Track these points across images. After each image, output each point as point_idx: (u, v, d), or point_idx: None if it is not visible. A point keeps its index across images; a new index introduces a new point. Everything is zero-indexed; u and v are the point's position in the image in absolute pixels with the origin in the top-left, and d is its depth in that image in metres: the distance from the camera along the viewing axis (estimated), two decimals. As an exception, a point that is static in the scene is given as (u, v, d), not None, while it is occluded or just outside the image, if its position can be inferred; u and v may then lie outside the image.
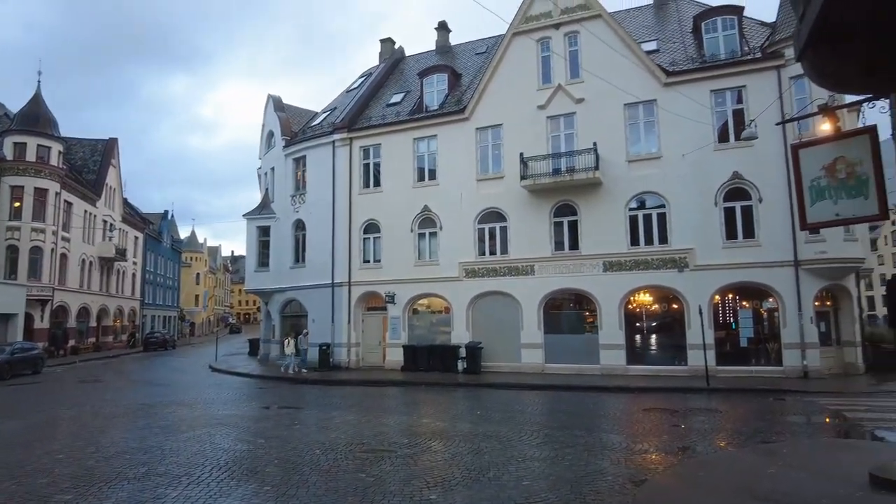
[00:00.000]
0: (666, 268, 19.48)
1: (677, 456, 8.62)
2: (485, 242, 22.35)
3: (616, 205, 20.21)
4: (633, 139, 20.69)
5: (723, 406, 13.61)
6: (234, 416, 13.10)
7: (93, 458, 8.62)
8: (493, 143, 22.70)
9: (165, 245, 61.33)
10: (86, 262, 39.37)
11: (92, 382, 20.94)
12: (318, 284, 25.11)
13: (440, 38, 31.71)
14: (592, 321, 20.49)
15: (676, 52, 21.49)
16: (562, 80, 21.62)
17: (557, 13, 22.01)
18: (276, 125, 28.56)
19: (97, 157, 43.38)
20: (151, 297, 55.44)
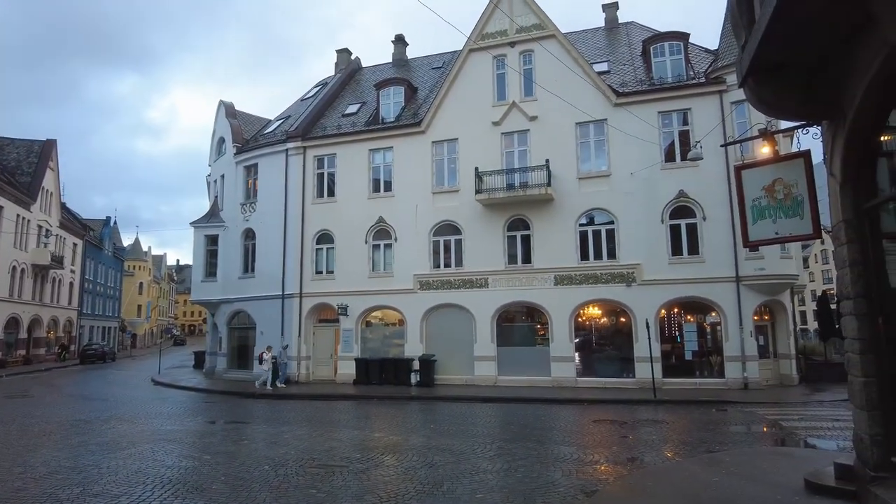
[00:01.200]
0: (614, 282, 20.02)
1: (626, 467, 8.81)
2: (440, 255, 22.42)
3: (567, 220, 20.68)
4: (584, 157, 21.26)
5: (669, 417, 14.03)
6: (179, 431, 12.60)
7: (20, 479, 8.11)
8: (448, 156, 22.88)
9: (107, 253, 58.71)
10: (17, 269, 37.22)
11: (20, 398, 19.74)
12: (267, 296, 24.53)
13: (397, 51, 31.83)
14: (544, 334, 20.80)
15: (626, 73, 22.29)
16: (516, 98, 22.06)
17: (513, 32, 22.49)
18: (228, 132, 27.92)
19: (33, 159, 41.23)
20: (90, 307, 52.87)
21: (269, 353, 21.46)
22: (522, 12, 22.35)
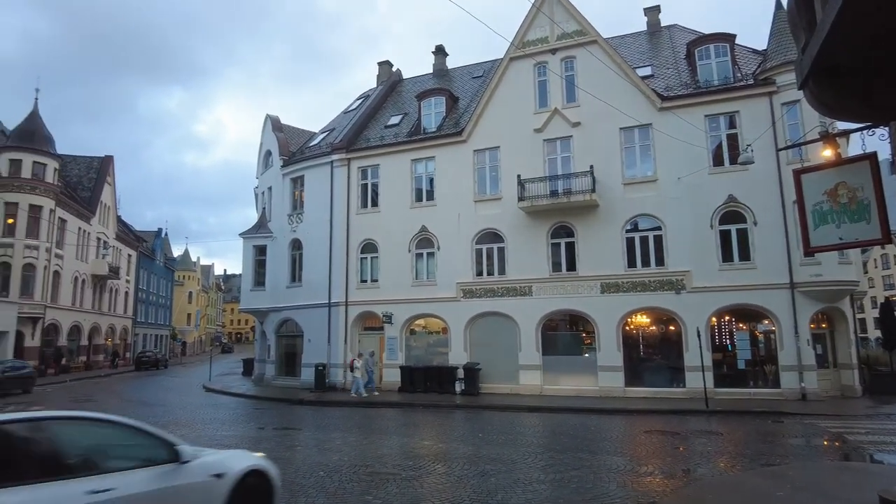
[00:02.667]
0: (663, 290, 19.62)
1: (682, 479, 8.63)
2: (482, 263, 22.44)
3: (613, 227, 20.41)
4: (629, 162, 20.98)
5: (723, 428, 13.64)
6: (234, 436, 12.97)
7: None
8: (490, 164, 22.94)
9: (158, 263, 61.05)
10: (78, 279, 39.10)
11: (84, 402, 20.65)
12: (314, 304, 25.04)
13: (437, 62, 32.20)
14: (590, 343, 20.53)
15: (670, 77, 21.94)
16: (558, 104, 21.97)
17: (554, 38, 22.45)
18: (275, 145, 28.73)
19: (92, 175, 43.36)
20: (144, 316, 55.02)
21: (359, 359, 21.44)
22: (564, 19, 22.30)
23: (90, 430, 4.96)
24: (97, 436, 4.95)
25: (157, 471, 4.81)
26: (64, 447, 4.51)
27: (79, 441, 4.69)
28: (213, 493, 5.07)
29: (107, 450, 4.85)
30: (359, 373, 21.00)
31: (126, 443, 5.01)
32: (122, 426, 5.12)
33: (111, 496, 4.29)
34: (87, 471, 4.44)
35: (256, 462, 5.81)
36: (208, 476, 5.15)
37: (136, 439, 5.07)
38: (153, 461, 4.87)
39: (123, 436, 5.08)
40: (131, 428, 5.14)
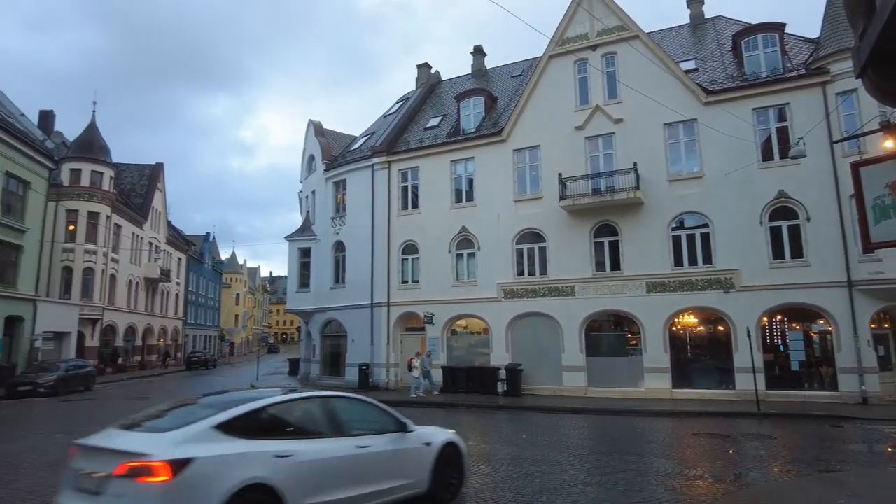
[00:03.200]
0: (711, 289, 19.08)
1: (733, 483, 8.37)
2: (523, 263, 22.31)
3: (658, 225, 19.98)
4: (673, 158, 20.49)
5: (776, 432, 13.17)
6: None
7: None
8: (530, 163, 22.79)
9: (207, 266, 63.06)
10: (133, 282, 40.77)
11: (139, 400, 21.48)
12: (357, 305, 25.40)
13: (476, 62, 32.19)
14: (636, 343, 20.14)
15: (716, 70, 21.33)
16: (600, 101, 21.65)
17: (594, 35, 22.13)
18: (317, 149, 29.30)
19: (144, 182, 45.19)
20: (193, 317, 56.92)
21: (417, 359, 21.35)
22: (603, 14, 21.95)
23: (353, 405, 6.91)
24: (357, 410, 6.86)
25: (392, 437, 6.68)
26: (339, 416, 6.38)
27: (347, 412, 6.58)
28: (424, 456, 6.92)
29: (363, 420, 6.71)
30: (417, 372, 20.93)
31: (373, 416, 6.91)
32: (371, 405, 7.12)
33: (368, 451, 6.19)
34: (353, 432, 6.30)
35: (452, 437, 7.59)
36: (421, 444, 6.99)
37: (379, 414, 6.99)
38: (389, 430, 6.75)
39: (372, 411, 7.01)
40: (377, 407, 7.11)
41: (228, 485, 4.76)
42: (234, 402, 5.74)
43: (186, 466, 4.63)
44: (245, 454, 5.08)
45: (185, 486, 4.59)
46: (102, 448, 4.99)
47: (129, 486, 4.53)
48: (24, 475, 8.90)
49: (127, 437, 5.10)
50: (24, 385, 21.99)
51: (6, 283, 26.07)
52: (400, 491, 6.43)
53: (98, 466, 4.79)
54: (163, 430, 5.14)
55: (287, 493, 5.10)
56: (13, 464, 9.76)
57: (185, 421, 5.24)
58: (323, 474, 5.60)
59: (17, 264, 26.84)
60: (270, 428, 5.60)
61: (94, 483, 4.74)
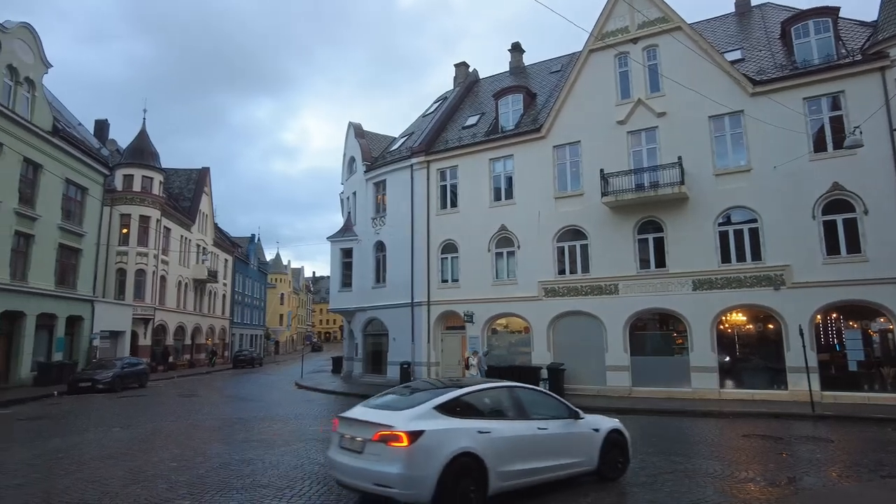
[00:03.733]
0: (760, 286, 18.45)
1: (787, 487, 8.07)
2: (564, 261, 22.06)
3: (704, 220, 19.43)
4: (719, 152, 19.88)
5: (833, 435, 12.61)
6: (326, 431, 13.47)
7: (202, 468, 9.16)
8: (571, 160, 22.51)
9: (252, 267, 64.70)
10: (182, 283, 42.19)
11: (190, 397, 22.24)
12: (398, 304, 25.63)
13: (514, 59, 32.04)
14: (682, 342, 19.65)
15: (763, 59, 20.59)
16: (641, 95, 21.21)
17: (635, 28, 21.69)
18: (357, 151, 29.69)
19: (192, 186, 46.66)
20: (240, 317, 58.49)
21: (475, 357, 20.60)
22: (644, 7, 21.47)
23: (533, 395, 8.16)
24: (536, 399, 8.10)
25: (565, 422, 7.88)
26: (523, 402, 7.68)
27: (529, 400, 7.85)
28: (593, 439, 8.04)
29: (541, 407, 7.93)
30: (474, 370, 20.50)
31: (550, 404, 8.16)
32: (548, 395, 8.57)
33: (546, 432, 7.46)
34: (534, 416, 7.57)
35: (617, 424, 8.60)
36: (590, 429, 8.10)
37: (555, 403, 8.25)
38: (562, 416, 7.96)
39: (548, 400, 8.32)
40: (553, 397, 8.50)
41: (448, 451, 6.33)
42: (445, 388, 7.44)
43: (420, 436, 6.29)
44: (458, 429, 6.62)
45: (419, 450, 6.23)
46: (359, 420, 6.82)
47: (382, 448, 6.31)
48: (86, 466, 9.33)
49: (376, 414, 6.84)
50: (84, 381, 23.05)
51: (67, 285, 27.39)
52: (573, 467, 7.74)
53: (358, 433, 6.68)
54: (400, 409, 6.81)
55: (487, 460, 6.57)
56: (76, 455, 10.25)
57: (414, 403, 6.93)
58: (513, 447, 6.95)
59: (77, 267, 28.17)
60: (473, 410, 7.11)
61: (358, 445, 6.62)
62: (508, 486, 6.87)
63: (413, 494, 6.19)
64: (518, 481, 6.99)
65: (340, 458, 6.83)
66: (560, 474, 7.56)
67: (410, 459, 6.18)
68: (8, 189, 23.01)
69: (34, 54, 24.89)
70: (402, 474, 6.14)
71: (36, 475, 8.75)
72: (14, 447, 11.32)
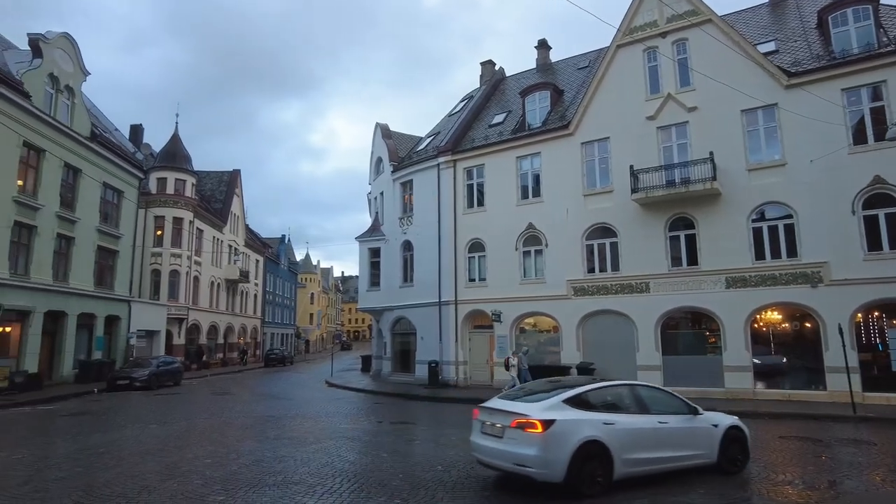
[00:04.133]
0: (796, 283, 17.96)
1: (827, 491, 7.83)
2: (594, 259, 21.82)
3: (737, 216, 19.00)
4: (752, 146, 19.41)
5: (876, 437, 12.19)
6: (355, 429, 13.64)
7: (235, 464, 9.32)
8: (599, 156, 22.25)
9: (283, 267, 65.64)
10: (214, 283, 43.04)
11: (222, 395, 22.68)
12: (425, 303, 25.70)
13: (540, 56, 31.80)
14: (715, 341, 19.26)
15: (799, 50, 20.03)
16: (671, 89, 20.84)
17: (664, 22, 21.33)
18: (384, 152, 29.86)
19: (223, 188, 47.56)
20: (271, 316, 59.41)
21: (514, 357, 20.49)
22: (673, 0, 21.08)
23: (653, 392, 8.88)
24: (656, 395, 8.77)
25: (684, 417, 8.45)
26: (643, 398, 8.38)
27: (649, 396, 8.54)
28: (713, 434, 8.53)
29: (660, 403, 8.56)
30: (514, 371, 20.22)
31: (668, 401, 8.74)
32: (667, 392, 9.13)
33: (666, 426, 8.11)
34: (653, 411, 8.22)
35: (736, 421, 8.97)
36: (710, 425, 8.60)
37: (673, 399, 8.81)
38: (681, 412, 8.52)
39: (667, 397, 8.89)
40: (671, 394, 9.06)
41: (576, 437, 7.21)
42: (572, 385, 8.28)
43: (552, 424, 7.21)
44: (584, 420, 7.49)
45: (552, 436, 7.15)
46: (498, 409, 7.87)
47: (519, 434, 7.29)
48: (125, 461, 9.60)
49: (513, 404, 7.90)
50: (122, 379, 23.71)
51: (105, 286, 28.20)
52: (693, 459, 8.30)
53: (498, 420, 7.69)
54: (533, 401, 7.83)
55: (612, 447, 7.37)
56: (115, 451, 10.55)
57: (544, 397, 7.88)
58: (635, 438, 7.69)
59: (114, 268, 28.99)
60: (598, 404, 7.91)
61: (498, 430, 7.62)
62: (632, 472, 7.61)
63: (547, 473, 7.13)
64: (641, 469, 7.72)
65: (482, 442, 7.87)
66: (681, 465, 8.16)
67: (545, 444, 7.10)
68: (50, 193, 23.81)
69: (73, 63, 25.69)
70: (537, 456, 7.10)
71: (78, 469, 9.04)
72: (58, 442, 11.71)
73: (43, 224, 23.33)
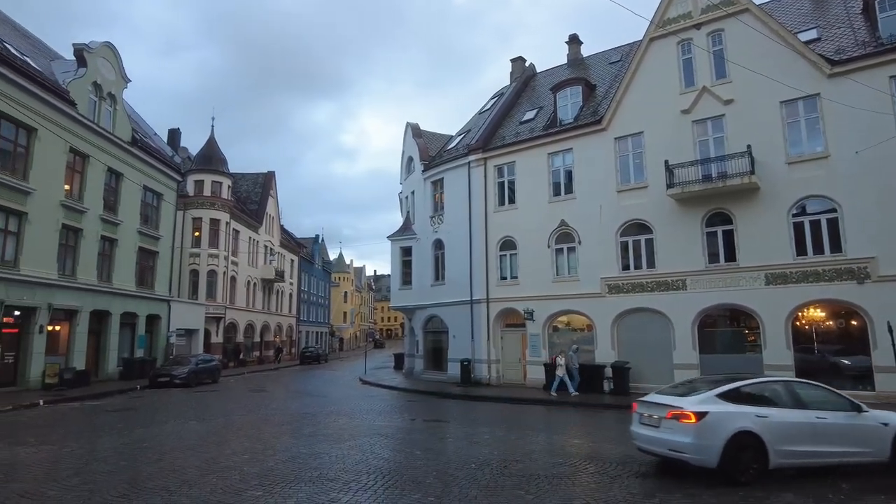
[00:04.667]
0: (841, 279, 17.32)
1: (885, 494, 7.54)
2: (628, 256, 21.47)
3: (777, 211, 18.44)
4: (793, 139, 18.80)
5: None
6: (389, 426, 13.75)
7: (272, 460, 9.50)
8: (633, 151, 21.88)
9: (317, 266, 66.60)
10: (251, 283, 43.92)
11: (259, 392, 23.14)
12: (457, 301, 25.72)
13: (571, 52, 31.45)
14: (754, 340, 18.74)
15: (843, 38, 19.30)
16: (707, 82, 20.34)
17: (698, 13, 20.82)
18: (415, 151, 29.98)
19: (258, 189, 48.48)
20: (306, 315, 60.34)
21: (561, 357, 20.36)
22: (708, -11, 20.56)
23: (810, 388, 9.00)
24: (813, 392, 8.91)
25: (845, 414, 8.52)
26: (799, 394, 8.64)
27: (806, 392, 8.77)
28: (881, 433, 8.50)
29: (819, 399, 8.72)
30: (561, 371, 19.97)
31: (828, 397, 8.85)
32: (826, 389, 9.14)
33: (825, 421, 8.27)
34: (811, 407, 8.44)
35: None
36: (877, 423, 8.56)
37: (833, 396, 8.91)
38: (842, 408, 8.60)
39: (826, 394, 8.95)
40: (831, 391, 9.08)
41: (729, 428, 7.79)
42: (724, 381, 8.78)
43: (705, 416, 7.86)
44: (737, 412, 8.01)
45: (705, 426, 7.82)
46: (655, 402, 8.68)
47: (674, 424, 8.04)
48: (167, 456, 9.88)
49: (668, 398, 8.64)
50: (163, 377, 24.43)
51: (146, 286, 29.08)
52: (858, 456, 8.37)
53: (654, 412, 8.51)
54: (686, 395, 8.55)
55: (766, 439, 7.82)
56: (157, 445, 10.88)
57: (698, 392, 8.58)
58: (790, 431, 8.04)
59: (154, 268, 29.87)
60: (751, 398, 8.37)
61: (654, 421, 8.43)
62: (788, 463, 7.99)
63: (701, 459, 7.81)
64: (797, 461, 8.06)
65: (641, 431, 8.75)
66: (844, 461, 8.31)
67: (698, 432, 7.79)
68: (94, 197, 24.67)
69: (115, 71, 26.53)
70: (692, 443, 7.80)
71: (123, 462, 9.35)
72: (104, 436, 12.13)
73: (88, 227, 24.19)
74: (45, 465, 9.28)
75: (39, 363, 21.28)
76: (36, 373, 21.05)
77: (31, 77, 20.82)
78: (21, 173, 20.67)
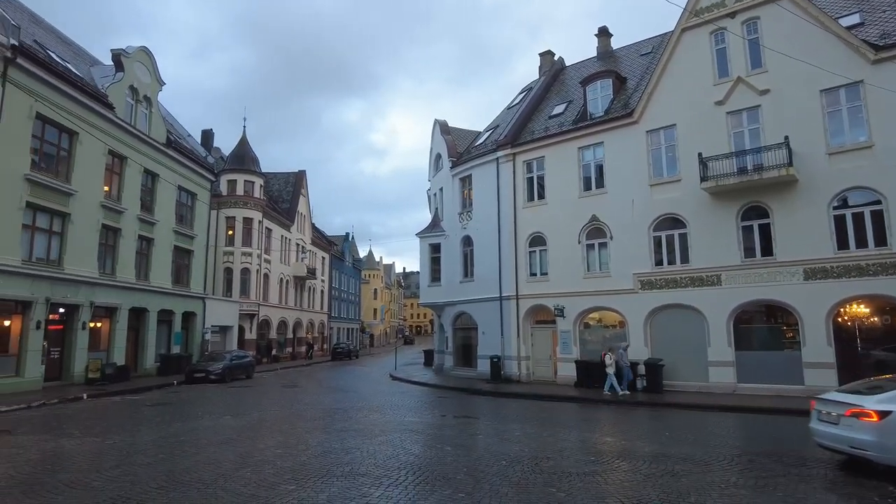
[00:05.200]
0: (886, 274, 16.69)
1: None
2: (661, 251, 21.09)
3: (816, 204, 17.86)
4: (833, 129, 18.16)
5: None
6: (419, 422, 13.81)
7: (305, 455, 9.64)
8: (666, 144, 21.46)
9: (347, 264, 67.30)
10: (283, 280, 44.62)
11: (292, 387, 23.51)
12: (486, 298, 25.66)
13: (601, 44, 30.97)
14: (792, 336, 18.21)
15: (888, 21, 18.56)
16: (741, 72, 19.80)
17: (732, 1, 20.26)
18: (443, 148, 29.98)
19: (290, 188, 49.19)
20: (337, 311, 61.09)
21: (611, 355, 19.69)
22: (744, -24, 19.98)
23: None
24: None
25: None
26: None
27: None
28: None
29: None
30: (611, 369, 19.37)
31: None
32: None
33: None
34: None
35: None
36: None
37: None
38: None
39: None
40: None
41: None
42: None
43: (889, 415, 7.75)
44: None
45: (889, 425, 7.67)
46: (834, 401, 8.70)
47: (854, 422, 8.02)
48: (203, 450, 10.12)
49: (847, 396, 8.67)
50: (198, 372, 25.03)
51: (182, 284, 29.82)
52: None
53: (833, 409, 8.52)
54: (868, 395, 8.44)
55: None
56: (194, 440, 11.15)
57: (882, 391, 8.39)
58: None
59: (189, 266, 30.60)
60: None
61: (833, 418, 8.44)
62: None
63: (886, 458, 7.70)
64: None
65: (819, 427, 8.81)
66: None
67: (881, 431, 7.71)
68: (132, 197, 25.39)
69: (151, 74, 27.22)
70: (876, 441, 7.73)
71: (162, 455, 9.61)
72: (144, 430, 12.49)
73: (126, 226, 24.91)
74: (88, 456, 9.61)
75: (83, 358, 22.08)
76: (79, 368, 21.83)
77: (72, 83, 21.51)
78: (64, 175, 21.42)
